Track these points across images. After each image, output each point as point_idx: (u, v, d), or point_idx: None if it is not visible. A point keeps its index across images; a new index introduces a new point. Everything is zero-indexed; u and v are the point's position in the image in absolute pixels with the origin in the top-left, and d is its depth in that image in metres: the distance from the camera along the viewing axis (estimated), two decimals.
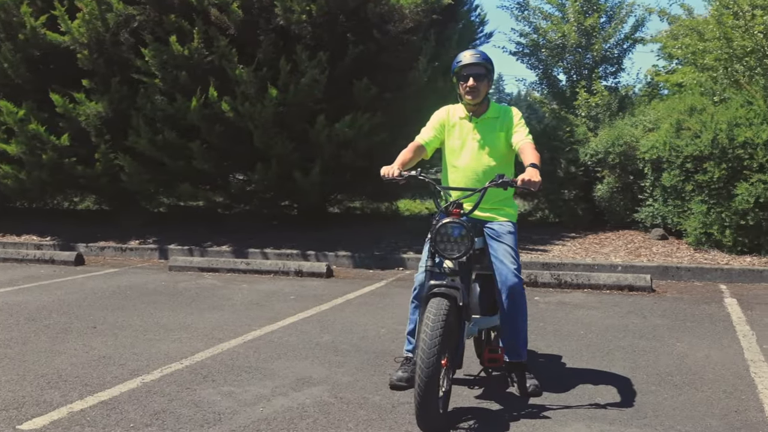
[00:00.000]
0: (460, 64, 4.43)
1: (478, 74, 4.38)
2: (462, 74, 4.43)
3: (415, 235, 10.56)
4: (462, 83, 4.43)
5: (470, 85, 4.38)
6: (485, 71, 4.41)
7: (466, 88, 4.41)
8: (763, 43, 9.59)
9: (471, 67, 4.40)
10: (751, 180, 8.75)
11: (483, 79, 4.40)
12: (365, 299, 7.27)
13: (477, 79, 4.37)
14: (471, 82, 4.37)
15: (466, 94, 4.42)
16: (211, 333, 5.81)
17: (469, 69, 4.40)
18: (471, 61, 4.41)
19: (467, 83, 4.38)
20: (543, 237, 10.32)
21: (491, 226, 4.35)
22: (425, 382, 3.44)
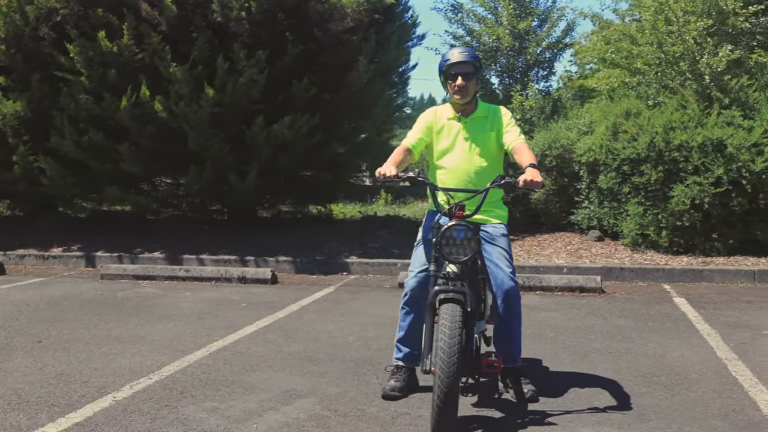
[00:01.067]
0: (449, 62, 4.30)
1: (466, 73, 4.26)
2: (450, 73, 4.29)
3: (355, 239, 10.42)
4: (450, 82, 4.31)
5: (459, 85, 4.25)
6: (473, 69, 4.30)
7: (454, 87, 4.28)
8: (694, 48, 9.90)
9: (459, 65, 4.27)
10: (686, 182, 9.00)
11: (472, 78, 4.28)
12: (320, 306, 7.05)
13: (466, 78, 4.25)
14: (460, 81, 4.24)
15: (455, 94, 4.29)
16: (171, 345, 5.48)
17: (457, 67, 4.27)
18: (459, 59, 4.28)
19: (456, 82, 4.26)
20: None
21: (485, 228, 4.23)
22: (446, 393, 3.29)
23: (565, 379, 4.57)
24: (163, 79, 9.50)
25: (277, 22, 9.67)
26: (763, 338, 5.61)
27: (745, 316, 6.39)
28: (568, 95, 12.71)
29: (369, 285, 8.23)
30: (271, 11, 9.50)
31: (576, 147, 10.48)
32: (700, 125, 9.24)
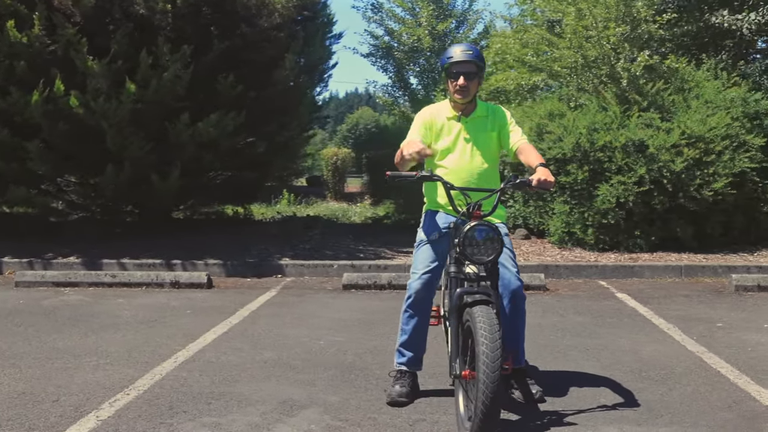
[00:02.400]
0: (451, 60, 4.17)
1: (468, 72, 4.15)
2: (452, 71, 4.17)
3: (284, 241, 10.15)
4: (452, 81, 4.19)
5: (461, 84, 4.14)
6: (476, 69, 4.19)
7: (456, 87, 4.17)
8: (610, 53, 10.26)
9: (462, 64, 4.15)
10: (611, 181, 9.30)
11: (474, 78, 4.18)
12: (271, 310, 6.78)
13: (468, 78, 4.14)
14: (462, 81, 4.13)
15: (456, 93, 4.18)
16: (130, 356, 5.10)
17: (459, 66, 4.15)
18: (462, 58, 4.16)
19: (457, 82, 4.14)
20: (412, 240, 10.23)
21: None
22: (491, 398, 3.18)
23: (559, 378, 4.56)
24: (78, 74, 8.91)
25: (202, 15, 9.29)
26: (721, 331, 5.82)
27: (692, 310, 6.64)
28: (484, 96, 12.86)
29: (310, 287, 8.01)
30: (196, 5, 9.12)
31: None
32: (622, 127, 9.58)
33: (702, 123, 9.39)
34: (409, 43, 13.63)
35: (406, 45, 13.70)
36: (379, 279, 7.91)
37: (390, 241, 10.20)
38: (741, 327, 5.96)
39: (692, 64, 10.29)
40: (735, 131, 9.43)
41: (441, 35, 13.56)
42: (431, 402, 4.07)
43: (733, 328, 5.92)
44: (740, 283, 7.60)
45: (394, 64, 14.05)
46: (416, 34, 13.47)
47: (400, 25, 14.07)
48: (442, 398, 4.12)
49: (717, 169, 9.20)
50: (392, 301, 7.12)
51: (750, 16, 9.35)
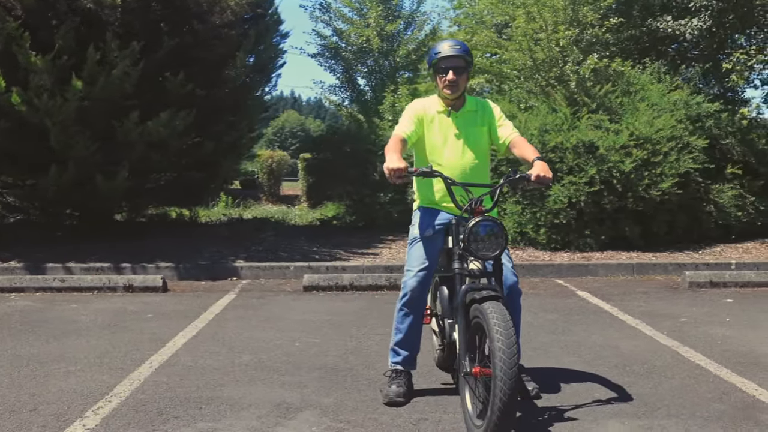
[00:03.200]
0: (439, 55, 4.15)
1: (457, 67, 4.12)
2: (440, 66, 4.14)
3: (237, 243, 9.94)
4: (440, 76, 4.15)
5: (450, 79, 4.11)
6: (464, 64, 4.17)
7: (445, 82, 4.13)
8: (558, 56, 10.44)
9: (450, 59, 4.12)
10: (563, 182, 9.46)
11: (462, 73, 4.15)
12: (235, 313, 6.60)
13: (456, 73, 4.11)
14: (451, 75, 4.10)
15: (445, 88, 4.15)
16: (102, 362, 4.88)
17: (448, 61, 4.12)
18: (450, 53, 4.13)
19: (446, 77, 4.11)
20: (365, 241, 10.24)
21: None
22: (509, 394, 3.15)
23: (548, 375, 4.57)
24: (21, 69, 8.52)
25: (151, 11, 9.02)
26: (687, 325, 5.96)
27: (653, 306, 6.78)
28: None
29: (269, 289, 7.85)
30: None
31: None
32: (573, 128, 9.76)
33: (649, 125, 9.64)
34: (358, 44, 13.56)
35: (354, 45, 13.63)
36: (340, 280, 7.82)
37: (343, 243, 10.11)
38: (705, 321, 6.11)
39: (636, 67, 10.56)
40: (679, 133, 9.73)
41: (389, 36, 13.55)
42: (428, 401, 4.02)
43: (698, 322, 6.07)
44: (693, 279, 7.81)
45: (342, 64, 13.97)
46: (365, 34, 13.42)
47: (348, 25, 14.00)
48: (438, 397, 4.09)
49: (664, 169, 9.46)
50: (356, 302, 7.07)
51: (692, 21, 9.64)
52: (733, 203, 9.98)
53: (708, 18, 9.63)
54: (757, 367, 4.73)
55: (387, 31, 13.40)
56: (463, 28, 12.32)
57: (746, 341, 5.41)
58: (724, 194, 9.95)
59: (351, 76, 14.04)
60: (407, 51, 13.44)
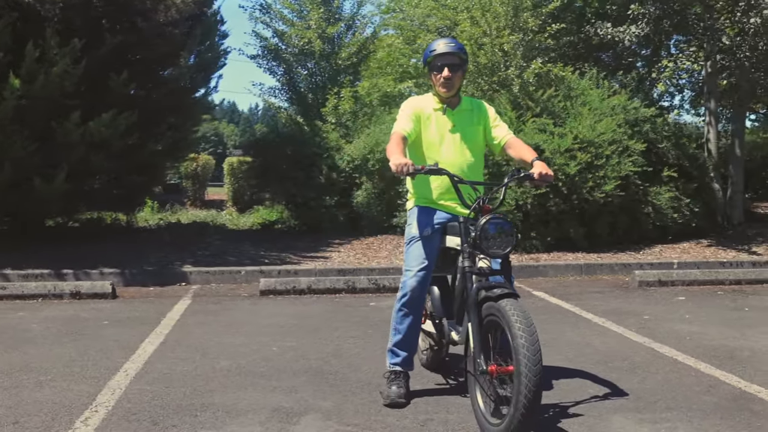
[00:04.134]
0: (435, 53, 4.13)
1: (453, 64, 4.11)
2: (436, 64, 4.12)
3: (182, 248, 9.67)
4: (435, 74, 4.14)
5: (445, 76, 4.10)
6: (459, 61, 4.16)
7: (440, 80, 4.12)
8: (501, 60, 10.60)
9: (445, 56, 4.11)
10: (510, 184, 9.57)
11: (458, 70, 4.15)
12: (196, 318, 6.39)
13: (452, 70, 4.10)
14: (446, 72, 4.09)
15: (441, 86, 4.13)
16: (72, 372, 4.64)
17: (443, 59, 4.11)
18: (446, 50, 4.12)
19: (441, 74, 4.10)
20: (312, 245, 10.11)
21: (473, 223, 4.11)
22: (534, 391, 3.13)
23: None
24: None
25: (93, 8, 8.66)
26: (651, 322, 6.12)
27: (612, 305, 6.94)
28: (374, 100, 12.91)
29: (223, 294, 7.65)
30: None
31: None
32: (519, 132, 9.90)
33: (592, 129, 9.89)
34: (299, 46, 13.40)
35: (296, 47, 13.46)
36: (298, 284, 7.70)
37: (290, 247, 9.97)
38: (667, 318, 6.29)
39: (576, 73, 10.81)
40: (619, 137, 10.02)
41: (331, 39, 13.45)
42: (428, 401, 3.98)
43: (660, 319, 6.24)
44: (643, 278, 8.04)
45: (282, 66, 13.77)
46: (306, 36, 13.27)
47: (288, 27, 13.82)
48: (437, 397, 4.06)
49: (606, 172, 9.72)
50: (318, 306, 6.97)
51: (630, 29, 9.95)
52: (670, 205, 10.33)
53: (645, 25, 9.94)
54: (732, 360, 4.88)
55: (328, 34, 13.30)
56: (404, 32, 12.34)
57: (712, 336, 5.59)
58: (661, 196, 10.29)
59: (292, 78, 13.86)
60: (349, 54, 13.38)
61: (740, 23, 9.65)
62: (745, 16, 9.59)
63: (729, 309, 6.79)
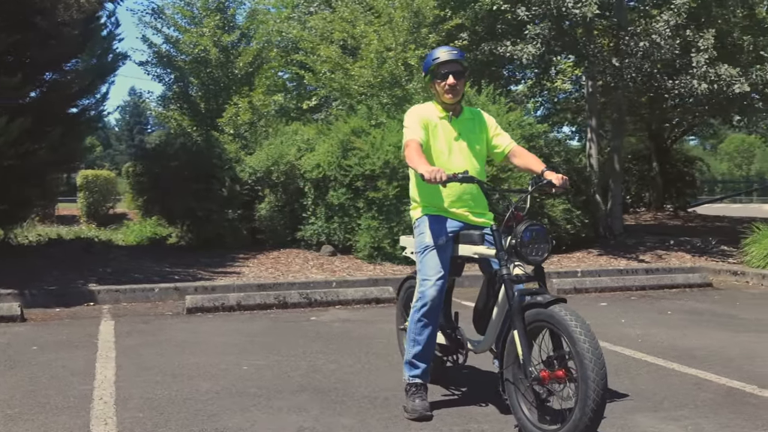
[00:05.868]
0: (438, 61, 4.12)
1: (457, 72, 4.12)
2: (439, 72, 4.12)
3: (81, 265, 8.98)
4: (439, 81, 4.13)
5: (450, 84, 4.10)
6: (462, 68, 4.18)
7: (445, 87, 4.11)
8: (403, 75, 10.71)
9: (449, 64, 4.12)
10: None
11: (461, 77, 4.16)
12: (136, 340, 5.93)
13: (457, 77, 4.11)
14: (451, 80, 4.10)
15: (446, 93, 4.13)
16: (38, 402, 4.17)
17: (447, 66, 4.11)
18: (449, 58, 4.12)
19: (446, 81, 4.10)
20: (218, 260, 9.69)
21: (488, 232, 4.11)
22: (602, 395, 3.17)
23: None
24: None
25: None
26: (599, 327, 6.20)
27: None
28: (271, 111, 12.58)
29: (144, 314, 7.16)
30: None
31: (301, 164, 10.50)
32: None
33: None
34: (193, 53, 12.82)
35: (189, 55, 12.87)
36: (227, 300, 7.36)
37: (195, 262, 9.51)
38: (608, 323, 6.54)
39: (474, 88, 11.11)
40: None
41: (226, 47, 12.98)
42: (450, 413, 3.93)
43: (602, 324, 6.40)
44: (560, 287, 8.34)
45: (173, 74, 13.11)
46: (201, 43, 12.73)
47: (181, 34, 13.20)
48: (458, 408, 4.01)
49: (510, 185, 10.03)
50: (257, 323, 6.72)
51: (527, 47, 10.37)
52: (563, 217, 10.82)
53: (541, 45, 10.40)
54: (695, 359, 5.16)
55: (224, 42, 12.85)
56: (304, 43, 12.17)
57: (661, 338, 5.90)
58: (555, 208, 10.75)
59: (184, 87, 13.24)
60: (245, 63, 12.98)
61: (628, 46, 10.30)
62: (632, 40, 10.25)
63: (654, 312, 7.19)
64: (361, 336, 6.07)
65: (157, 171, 10.45)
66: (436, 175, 3.65)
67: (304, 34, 12.01)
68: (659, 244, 11.69)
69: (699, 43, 9.88)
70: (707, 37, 9.81)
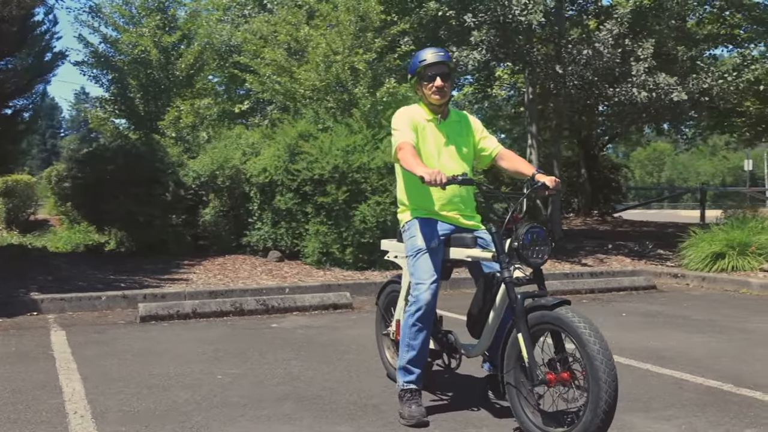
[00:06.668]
0: (424, 63, 4.09)
1: (444, 74, 4.10)
2: (426, 74, 4.09)
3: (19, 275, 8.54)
4: (426, 83, 4.10)
5: (438, 86, 4.07)
6: (448, 70, 4.15)
7: (432, 89, 4.09)
8: (349, 79, 10.65)
9: (436, 66, 4.09)
10: (368, 201, 9.63)
11: (448, 79, 4.14)
12: (93, 351, 5.65)
13: (444, 79, 4.09)
14: (439, 82, 4.07)
15: (434, 95, 4.10)
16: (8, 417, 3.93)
17: (434, 68, 4.09)
18: (436, 59, 4.09)
19: (434, 83, 4.07)
20: (163, 267, 9.40)
21: (479, 234, 4.10)
22: (614, 396, 3.20)
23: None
24: None
25: None
26: None
27: None
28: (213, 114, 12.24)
29: (94, 323, 6.87)
30: None
31: (247, 168, 10.31)
32: (376, 149, 10.00)
33: None
34: (133, 54, 12.36)
35: (129, 56, 12.40)
36: (182, 308, 7.13)
37: (139, 269, 9.20)
38: None
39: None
40: None
41: (167, 48, 12.56)
42: (446, 418, 3.89)
43: None
44: None
45: (111, 75, 12.61)
46: (142, 44, 12.30)
47: (120, 33, 12.71)
48: (453, 413, 3.97)
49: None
50: (216, 330, 6.55)
51: (473, 53, 10.46)
52: None
53: (486, 52, 10.51)
54: (666, 360, 5.28)
55: (164, 43, 12.46)
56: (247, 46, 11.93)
57: (626, 340, 6.00)
58: None
59: (123, 88, 12.74)
60: (187, 64, 12.60)
61: (571, 54, 10.52)
62: (575, 48, 10.47)
63: (610, 315, 7.34)
64: (328, 342, 5.97)
65: (91, 175, 10.05)
66: (437, 178, 3.61)
67: (249, 36, 11.79)
68: (598, 248, 11.98)
69: (639, 52, 10.17)
70: (647, 47, 10.11)
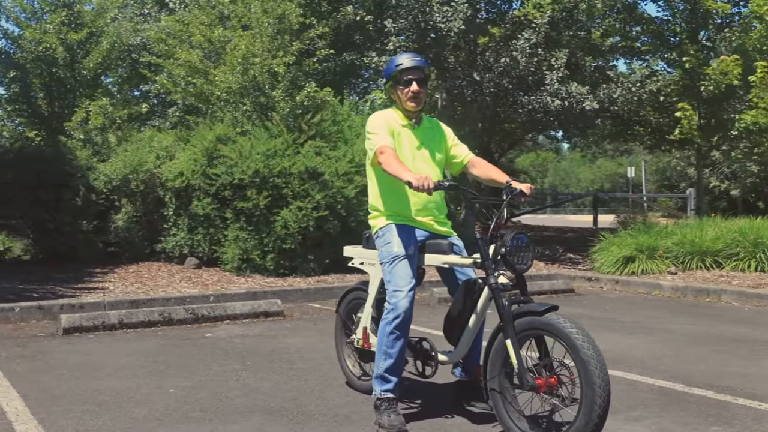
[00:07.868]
0: (401, 67, 4.06)
1: (420, 79, 4.08)
2: (402, 78, 4.06)
3: None
4: (402, 88, 4.07)
5: (414, 91, 4.05)
6: (424, 76, 4.14)
7: (408, 94, 4.06)
8: (266, 82, 10.47)
9: (413, 71, 4.07)
10: (290, 207, 9.48)
11: (424, 85, 4.12)
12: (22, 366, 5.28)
13: (420, 84, 4.07)
14: (415, 87, 4.05)
15: (409, 101, 4.07)
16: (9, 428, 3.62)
17: (410, 73, 4.06)
18: (412, 64, 4.07)
19: (410, 88, 4.05)
20: (75, 275, 8.93)
21: (453, 241, 4.10)
22: (607, 400, 3.23)
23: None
24: None
25: None
26: None
27: None
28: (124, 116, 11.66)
29: (12, 336, 6.40)
30: None
31: (161, 172, 9.93)
32: (297, 154, 9.85)
33: (364, 152, 10.18)
34: (36, 51, 11.57)
35: (32, 53, 11.59)
36: (107, 318, 6.78)
37: (50, 278, 8.70)
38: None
39: (338, 98, 11.06)
40: None
41: (73, 46, 11.82)
42: (423, 426, 3.86)
43: None
44: (441, 296, 8.47)
45: (12, 74, 11.72)
46: (46, 41, 11.54)
47: (22, 29, 11.87)
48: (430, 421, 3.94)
49: None
50: (150, 341, 6.28)
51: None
52: None
53: None
54: (612, 362, 5.34)
55: (70, 40, 11.75)
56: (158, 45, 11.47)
57: None
58: None
59: (25, 87, 11.89)
60: (95, 63, 11.90)
61: (488, 62, 10.73)
62: (492, 56, 10.69)
63: None
64: (271, 352, 5.82)
65: None
66: (425, 183, 3.57)
67: (162, 36, 11.35)
68: None
69: (552, 61, 10.49)
70: (560, 57, 10.44)
